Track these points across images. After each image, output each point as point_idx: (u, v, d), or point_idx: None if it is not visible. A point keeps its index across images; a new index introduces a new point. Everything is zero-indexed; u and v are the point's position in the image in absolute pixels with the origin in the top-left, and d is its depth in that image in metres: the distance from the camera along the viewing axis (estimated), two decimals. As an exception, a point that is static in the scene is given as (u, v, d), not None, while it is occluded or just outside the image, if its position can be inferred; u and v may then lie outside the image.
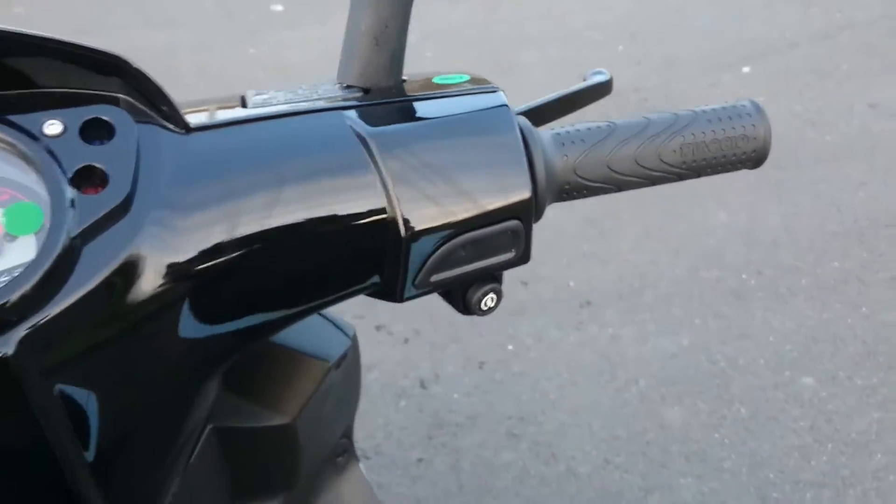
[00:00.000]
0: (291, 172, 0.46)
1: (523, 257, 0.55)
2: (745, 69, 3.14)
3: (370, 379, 1.95)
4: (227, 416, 0.56)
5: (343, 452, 0.75)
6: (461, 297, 0.56)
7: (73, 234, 0.38)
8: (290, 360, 0.58)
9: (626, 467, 1.76)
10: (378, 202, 0.48)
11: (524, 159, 0.52)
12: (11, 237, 0.38)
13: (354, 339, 0.62)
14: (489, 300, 0.56)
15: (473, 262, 0.53)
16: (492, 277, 0.56)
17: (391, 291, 0.52)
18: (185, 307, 0.43)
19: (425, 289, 0.53)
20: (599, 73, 0.66)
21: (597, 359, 2.01)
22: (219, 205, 0.44)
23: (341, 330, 0.62)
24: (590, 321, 2.11)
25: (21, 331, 0.36)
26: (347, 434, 0.75)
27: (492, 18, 3.59)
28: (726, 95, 2.96)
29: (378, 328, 2.08)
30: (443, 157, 0.50)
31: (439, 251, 0.51)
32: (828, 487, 1.72)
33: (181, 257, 0.42)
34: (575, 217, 2.43)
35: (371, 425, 1.84)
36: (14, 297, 0.36)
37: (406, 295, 0.52)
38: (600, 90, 0.66)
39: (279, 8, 3.64)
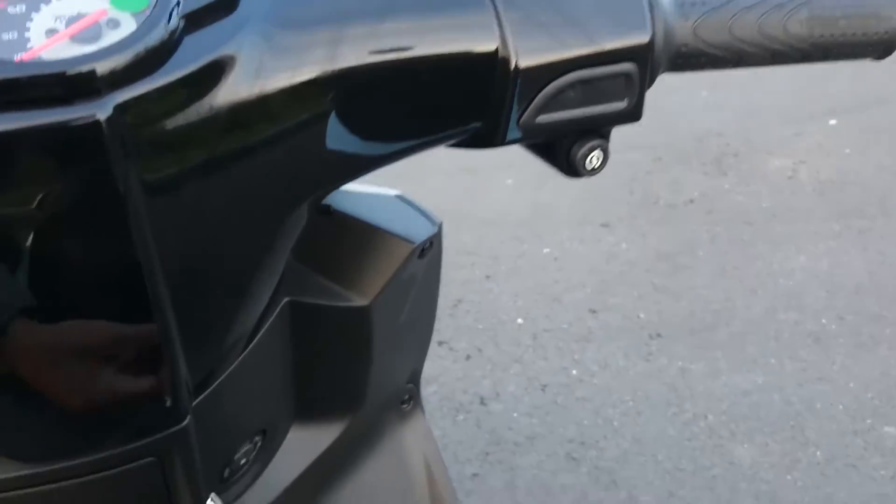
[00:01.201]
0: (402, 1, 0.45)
1: (635, 111, 0.52)
2: (832, 122, 3.07)
3: (429, 392, 1.91)
4: (304, 292, 0.54)
5: (409, 399, 0.72)
6: (565, 152, 0.53)
7: (175, 17, 0.37)
8: (372, 237, 0.55)
9: (690, 500, 1.67)
10: (490, 28, 0.46)
11: (645, 1, 0.50)
12: (114, 23, 0.37)
13: (440, 230, 0.59)
14: (594, 158, 0.53)
15: (583, 105, 0.50)
16: (598, 134, 0.53)
17: (492, 133, 0.49)
18: (273, 119, 0.41)
19: (530, 130, 0.50)
20: None
21: (664, 390, 1.94)
22: (320, 27, 0.42)
23: (427, 217, 0.59)
24: (658, 353, 2.04)
25: (116, 99, 0.35)
26: (414, 379, 0.72)
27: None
28: (811, 145, 2.89)
29: (440, 343, 2.05)
30: None
31: (549, 86, 0.48)
32: (909, 541, 1.60)
33: (274, 69, 0.40)
34: (647, 252, 2.37)
35: (427, 436, 1.80)
36: (108, 64, 0.35)
37: (509, 136, 0.49)
38: None
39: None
